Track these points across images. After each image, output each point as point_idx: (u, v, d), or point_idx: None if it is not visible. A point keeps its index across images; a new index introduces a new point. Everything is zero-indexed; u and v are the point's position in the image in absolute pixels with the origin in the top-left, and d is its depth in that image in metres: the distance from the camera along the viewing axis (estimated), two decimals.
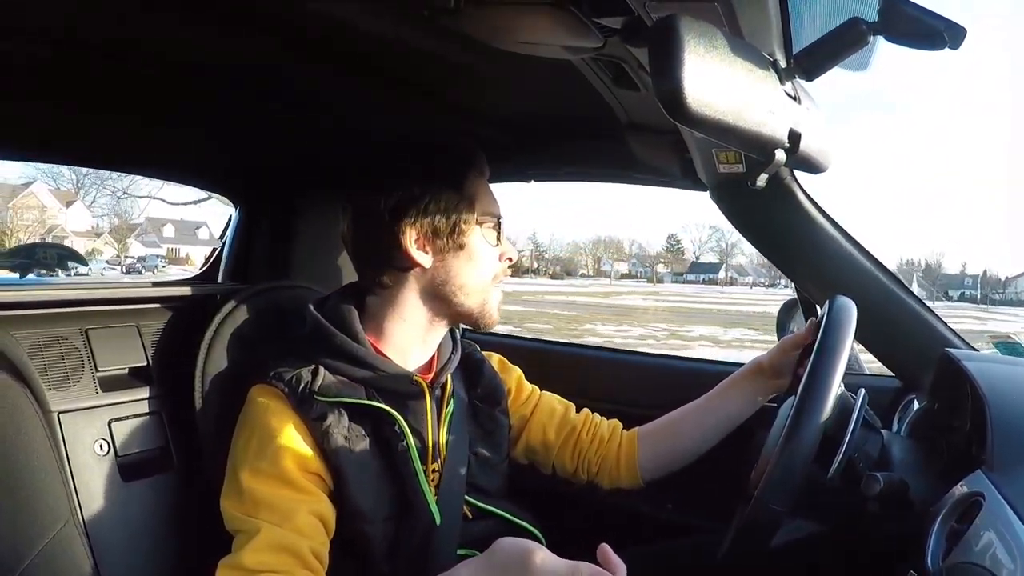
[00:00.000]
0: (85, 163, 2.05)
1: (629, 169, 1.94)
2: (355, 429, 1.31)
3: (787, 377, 1.56)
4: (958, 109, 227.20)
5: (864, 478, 1.12)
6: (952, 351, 1.43)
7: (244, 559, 1.18)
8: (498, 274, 1.46)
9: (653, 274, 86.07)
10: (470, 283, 1.42)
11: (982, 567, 0.85)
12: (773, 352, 1.59)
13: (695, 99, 0.77)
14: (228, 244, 2.30)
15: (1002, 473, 1.01)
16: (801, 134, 0.93)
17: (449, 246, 1.40)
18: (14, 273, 4.42)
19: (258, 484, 1.23)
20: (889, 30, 0.89)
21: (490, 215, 1.44)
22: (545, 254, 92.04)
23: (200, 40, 1.36)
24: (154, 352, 1.54)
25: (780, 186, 1.62)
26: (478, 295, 1.43)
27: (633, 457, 1.61)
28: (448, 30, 1.16)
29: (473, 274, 1.42)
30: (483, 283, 1.43)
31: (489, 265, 1.44)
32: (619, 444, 1.63)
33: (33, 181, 43.30)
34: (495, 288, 1.46)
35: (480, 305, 1.44)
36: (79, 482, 1.34)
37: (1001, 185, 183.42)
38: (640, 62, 1.20)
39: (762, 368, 1.60)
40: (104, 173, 40.34)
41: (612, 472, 1.62)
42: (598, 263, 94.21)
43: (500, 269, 1.46)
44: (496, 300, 1.47)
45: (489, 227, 1.44)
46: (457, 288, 1.41)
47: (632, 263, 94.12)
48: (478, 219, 1.42)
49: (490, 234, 1.44)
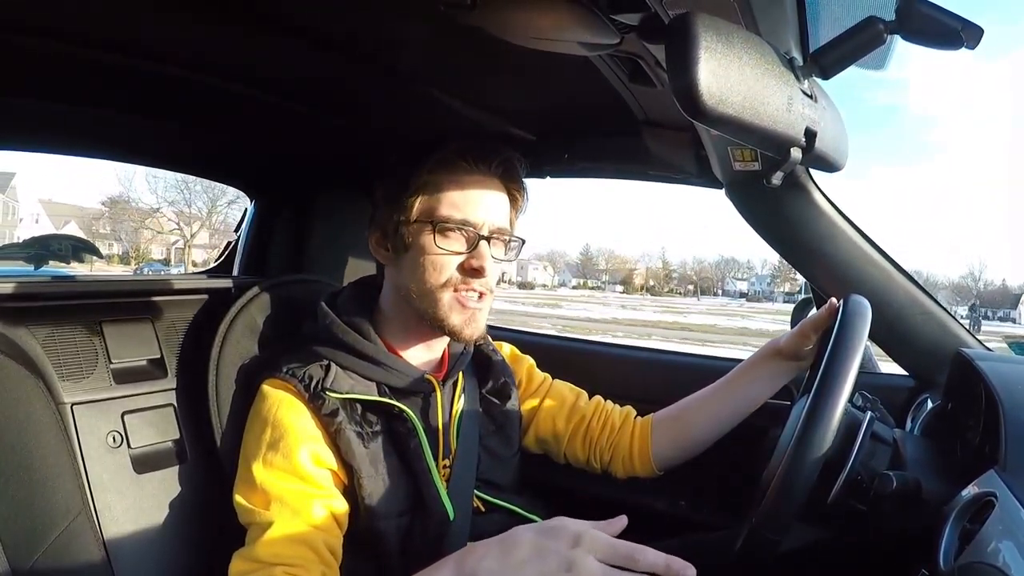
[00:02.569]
0: (109, 157, 2.06)
1: (645, 165, 1.93)
2: (367, 426, 1.32)
3: (805, 359, 1.53)
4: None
5: (877, 478, 1.12)
6: (966, 351, 1.43)
7: (258, 551, 1.19)
8: (453, 282, 1.35)
9: (775, 293, 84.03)
10: (417, 288, 1.36)
11: (994, 567, 0.85)
12: (791, 335, 1.55)
13: (712, 96, 0.77)
14: (243, 237, 2.31)
15: (1015, 473, 1.01)
16: (817, 132, 0.94)
17: (398, 246, 1.38)
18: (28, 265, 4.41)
19: (271, 477, 1.24)
20: (906, 29, 0.89)
21: (442, 217, 1.34)
22: (673, 273, 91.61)
23: (217, 38, 1.37)
24: (168, 345, 1.55)
25: (795, 184, 1.62)
26: (425, 299, 1.36)
27: (647, 445, 1.59)
28: (464, 26, 1.16)
29: (416, 277, 1.35)
30: (428, 288, 1.35)
31: (434, 271, 1.34)
32: (632, 431, 1.61)
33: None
34: (450, 296, 1.35)
35: (431, 310, 1.36)
36: (92, 474, 1.35)
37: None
38: (657, 59, 1.20)
39: (779, 351, 1.56)
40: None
41: (626, 461, 1.60)
42: (723, 281, 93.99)
43: (458, 278, 1.35)
44: (454, 308, 1.36)
45: (430, 227, 1.34)
46: (408, 292, 1.37)
47: (751, 282, 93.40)
48: (416, 218, 1.35)
49: (441, 238, 1.34)
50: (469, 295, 1.36)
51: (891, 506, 1.12)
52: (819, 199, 1.63)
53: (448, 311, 1.35)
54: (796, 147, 0.92)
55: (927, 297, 1.67)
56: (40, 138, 1.79)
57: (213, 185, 37.25)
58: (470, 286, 1.36)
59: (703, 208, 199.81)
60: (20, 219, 53.52)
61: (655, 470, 1.60)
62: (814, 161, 1.00)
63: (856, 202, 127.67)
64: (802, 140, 0.92)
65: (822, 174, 1.58)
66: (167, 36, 1.35)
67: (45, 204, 57.22)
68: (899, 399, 1.69)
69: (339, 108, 1.78)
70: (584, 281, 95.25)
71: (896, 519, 1.14)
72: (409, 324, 1.41)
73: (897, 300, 1.66)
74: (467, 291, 1.36)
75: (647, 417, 1.64)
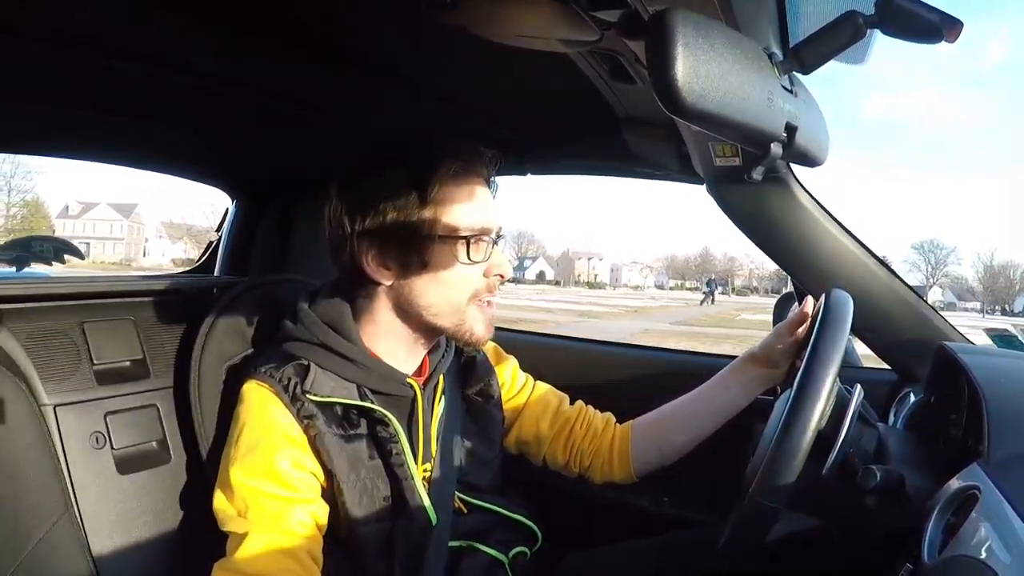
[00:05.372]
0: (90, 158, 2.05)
1: (627, 162, 1.94)
2: (347, 429, 1.30)
3: (782, 367, 1.54)
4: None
5: (861, 471, 1.12)
6: (948, 344, 1.43)
7: (239, 561, 1.18)
8: (479, 292, 1.34)
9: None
10: (438, 304, 1.33)
11: (978, 560, 0.85)
12: (766, 339, 1.56)
13: (692, 92, 0.77)
14: (225, 237, 2.31)
15: (998, 466, 1.01)
16: (797, 127, 0.94)
17: (412, 263, 1.31)
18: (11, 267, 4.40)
19: (249, 482, 1.23)
20: (885, 23, 0.89)
21: (466, 228, 1.30)
22: (755, 271, 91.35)
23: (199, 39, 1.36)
24: (150, 345, 1.53)
25: (776, 179, 1.62)
26: (450, 316, 1.33)
27: (626, 451, 1.59)
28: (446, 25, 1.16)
29: (440, 295, 1.32)
30: (455, 304, 1.33)
31: (462, 284, 1.32)
32: (612, 437, 1.61)
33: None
34: (475, 307, 1.34)
35: (456, 325, 1.34)
36: (75, 475, 1.34)
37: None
38: (637, 55, 1.20)
39: (755, 358, 1.57)
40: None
41: (605, 466, 1.60)
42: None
43: (483, 286, 1.34)
44: (479, 318, 1.35)
45: (463, 242, 1.29)
46: (423, 308, 1.33)
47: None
48: (441, 233, 1.29)
49: (463, 249, 1.30)
50: (489, 299, 1.36)
51: (874, 501, 1.12)
52: (800, 194, 1.64)
53: (474, 322, 1.35)
54: (776, 142, 0.92)
55: (909, 291, 1.68)
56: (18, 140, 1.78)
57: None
58: (494, 292, 1.36)
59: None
60: (146, 238, 74.15)
61: (634, 475, 1.60)
62: (795, 156, 1.00)
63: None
64: (783, 135, 0.92)
65: (803, 169, 1.58)
66: (149, 37, 1.35)
67: (165, 226, 73.92)
68: (881, 393, 1.70)
69: (321, 107, 1.78)
70: (681, 283, 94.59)
71: (880, 514, 1.14)
72: (402, 337, 1.39)
73: (879, 294, 1.66)
74: (490, 297, 1.36)
75: (626, 424, 1.64)
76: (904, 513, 1.10)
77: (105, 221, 71.44)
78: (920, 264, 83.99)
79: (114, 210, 71.75)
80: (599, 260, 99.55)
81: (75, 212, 70.69)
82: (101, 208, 71.57)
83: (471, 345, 1.41)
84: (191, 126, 1.89)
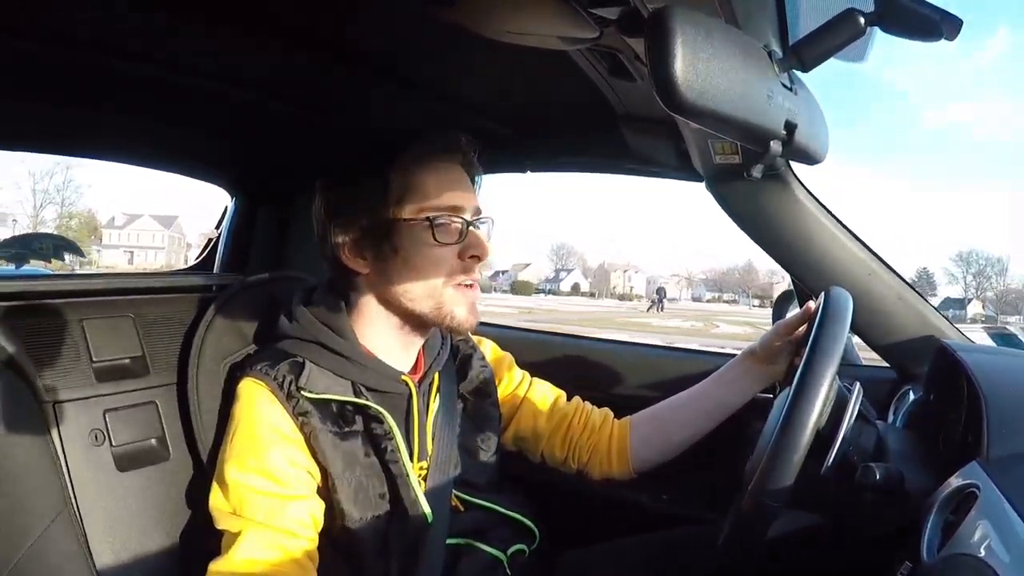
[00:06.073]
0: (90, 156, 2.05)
1: (625, 160, 1.93)
2: (342, 426, 1.30)
3: (780, 364, 1.54)
4: None
5: (860, 469, 1.12)
6: (948, 342, 1.43)
7: (234, 561, 1.19)
8: (454, 274, 1.34)
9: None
10: (413, 289, 1.33)
11: (977, 558, 0.85)
12: (765, 337, 1.56)
13: (691, 90, 0.77)
14: (224, 234, 2.30)
15: (997, 464, 1.01)
16: (797, 125, 0.94)
17: (383, 249, 1.33)
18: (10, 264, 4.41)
19: (243, 479, 1.24)
20: (885, 21, 0.89)
21: (432, 209, 1.32)
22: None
23: (198, 37, 1.36)
24: (149, 342, 1.53)
25: (776, 177, 1.62)
26: (426, 301, 1.33)
27: (625, 446, 1.59)
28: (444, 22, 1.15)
29: (414, 279, 1.32)
30: (430, 288, 1.33)
31: (434, 267, 1.32)
32: (611, 433, 1.61)
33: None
34: (453, 290, 1.34)
35: (434, 310, 1.34)
36: (74, 472, 1.34)
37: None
38: (636, 53, 1.20)
39: (755, 355, 1.57)
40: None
41: (603, 462, 1.60)
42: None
43: (458, 268, 1.34)
44: (459, 301, 1.34)
45: (428, 224, 1.30)
46: (401, 295, 1.34)
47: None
48: (406, 216, 1.31)
49: (438, 232, 1.31)
50: (468, 282, 1.35)
51: (874, 499, 1.12)
52: (800, 192, 1.64)
53: (452, 305, 1.34)
54: (776, 140, 0.92)
55: (909, 289, 1.67)
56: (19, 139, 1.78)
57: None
58: (470, 274, 1.35)
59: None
60: (188, 245, 76.95)
61: (632, 471, 1.60)
62: (794, 154, 1.01)
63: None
64: (782, 133, 0.92)
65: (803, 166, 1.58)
66: (148, 35, 1.35)
67: (203, 236, 71.32)
68: (881, 392, 1.70)
69: (319, 105, 1.78)
70: (718, 295, 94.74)
71: (879, 512, 1.14)
72: (390, 329, 1.39)
73: (879, 292, 1.66)
74: (467, 279, 1.35)
75: (624, 419, 1.64)
76: (903, 511, 1.10)
77: (148, 231, 77.96)
78: (957, 275, 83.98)
79: (156, 221, 78.52)
80: (635, 272, 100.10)
81: (120, 223, 78.06)
82: (144, 220, 78.16)
83: (455, 331, 1.41)
84: (190, 124, 1.89)
